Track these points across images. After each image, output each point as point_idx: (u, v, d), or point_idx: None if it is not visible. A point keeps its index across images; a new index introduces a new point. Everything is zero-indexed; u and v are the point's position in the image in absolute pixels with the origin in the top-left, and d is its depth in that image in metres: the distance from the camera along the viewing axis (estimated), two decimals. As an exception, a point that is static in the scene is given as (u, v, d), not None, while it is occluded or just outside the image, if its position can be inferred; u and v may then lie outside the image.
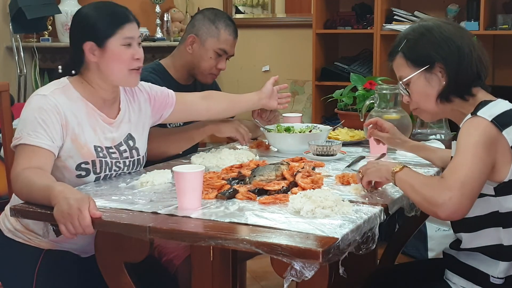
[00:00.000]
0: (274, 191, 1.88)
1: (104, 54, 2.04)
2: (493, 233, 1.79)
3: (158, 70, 2.68)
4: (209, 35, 2.67)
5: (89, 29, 2.04)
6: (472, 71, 1.82)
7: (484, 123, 1.70)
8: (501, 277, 1.80)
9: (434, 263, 2.21)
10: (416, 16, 4.19)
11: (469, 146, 1.67)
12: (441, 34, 1.83)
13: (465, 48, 1.82)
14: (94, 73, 2.08)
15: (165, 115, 2.35)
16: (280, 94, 2.56)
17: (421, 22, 1.93)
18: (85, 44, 2.03)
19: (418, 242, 3.61)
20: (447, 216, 1.63)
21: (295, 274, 1.47)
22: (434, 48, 1.83)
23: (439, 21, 1.89)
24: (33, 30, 4.82)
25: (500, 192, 1.75)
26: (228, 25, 2.70)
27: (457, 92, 1.83)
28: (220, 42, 2.68)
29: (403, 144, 2.28)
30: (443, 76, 1.83)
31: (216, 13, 2.73)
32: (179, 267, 2.25)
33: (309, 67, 4.53)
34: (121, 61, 2.05)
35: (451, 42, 1.82)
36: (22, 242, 2.06)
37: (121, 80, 2.10)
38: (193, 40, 2.68)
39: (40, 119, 1.96)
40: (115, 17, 2.06)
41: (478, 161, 1.65)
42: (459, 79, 1.82)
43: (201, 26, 2.68)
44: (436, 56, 1.82)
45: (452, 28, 1.86)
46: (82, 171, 2.05)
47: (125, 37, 2.05)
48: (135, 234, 1.67)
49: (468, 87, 1.83)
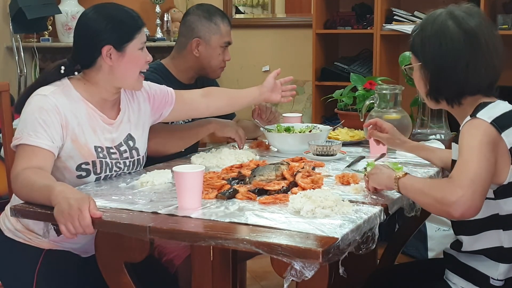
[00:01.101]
0: (274, 191, 1.88)
1: (122, 58, 2.04)
2: (494, 235, 1.78)
3: (160, 69, 2.68)
4: (212, 34, 2.68)
5: (108, 33, 2.02)
6: (457, 82, 1.78)
7: (483, 124, 1.69)
8: (501, 279, 1.79)
9: (434, 263, 2.20)
10: (416, 16, 4.19)
11: (474, 145, 1.66)
12: (441, 39, 1.77)
13: (455, 58, 1.75)
14: (104, 75, 2.06)
15: (165, 113, 2.35)
16: (285, 87, 2.50)
17: (438, 17, 1.81)
18: (104, 47, 2.02)
19: (418, 242, 3.61)
20: (461, 214, 1.60)
21: (295, 274, 1.47)
22: (422, 50, 1.82)
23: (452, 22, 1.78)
24: (33, 30, 4.82)
25: (499, 194, 1.74)
26: (223, 17, 2.73)
27: (443, 97, 1.83)
28: (223, 36, 2.70)
29: (402, 144, 2.28)
30: (428, 79, 1.83)
31: (208, 9, 2.73)
32: (179, 267, 2.25)
33: (309, 67, 4.53)
34: (137, 64, 2.08)
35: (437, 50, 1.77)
36: (22, 242, 2.06)
37: (131, 84, 2.12)
38: (198, 43, 2.68)
39: (40, 119, 1.96)
40: (134, 22, 2.07)
41: (484, 159, 1.64)
42: (440, 87, 1.81)
43: (200, 27, 2.68)
44: (421, 57, 1.83)
45: (455, 34, 1.76)
46: (83, 172, 2.05)
47: (142, 42, 2.08)
48: (135, 234, 1.67)
49: (457, 96, 1.80)
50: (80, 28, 2.08)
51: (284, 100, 2.50)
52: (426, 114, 2.81)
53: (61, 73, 2.09)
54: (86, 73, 2.10)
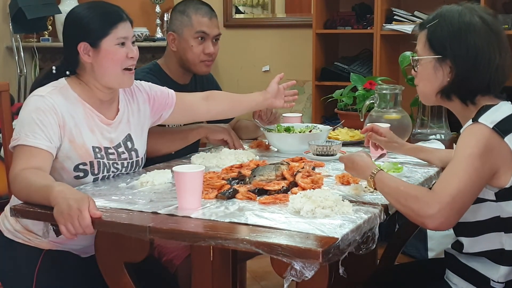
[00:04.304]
0: (274, 191, 1.88)
1: (98, 54, 2.04)
2: (495, 238, 1.78)
3: (155, 70, 2.67)
4: (183, 26, 2.64)
5: (82, 30, 2.04)
6: (484, 81, 1.76)
7: (484, 131, 1.67)
8: (502, 281, 1.79)
9: (434, 263, 2.20)
10: (416, 16, 4.19)
11: (465, 156, 1.65)
12: (468, 34, 1.74)
13: (487, 56, 1.74)
14: (90, 74, 2.08)
15: (165, 115, 2.35)
16: (287, 92, 2.50)
17: (462, 11, 1.78)
18: (79, 45, 2.03)
19: (418, 242, 3.61)
20: (435, 227, 1.63)
21: (295, 274, 1.47)
22: (452, 44, 1.76)
23: (479, 19, 1.75)
24: (33, 30, 4.82)
25: (501, 197, 1.73)
26: (198, 9, 2.66)
27: (459, 95, 1.80)
28: (194, 27, 2.63)
29: (400, 147, 2.28)
30: (450, 74, 1.78)
31: (186, 3, 2.69)
32: (179, 267, 2.25)
33: (309, 67, 4.53)
34: (114, 60, 2.05)
35: (473, 46, 1.73)
36: (21, 243, 2.06)
37: (115, 81, 2.09)
38: (173, 37, 2.66)
39: (37, 120, 1.96)
40: (108, 17, 2.06)
41: (471, 172, 1.63)
42: (466, 85, 1.77)
43: (174, 21, 2.67)
44: (450, 52, 1.76)
45: (484, 32, 1.74)
46: (80, 172, 2.05)
47: (118, 37, 2.05)
48: (135, 234, 1.67)
49: (474, 94, 1.78)
50: (63, 28, 2.12)
51: (287, 105, 2.51)
52: (426, 114, 2.81)
53: (53, 73, 2.10)
54: (79, 73, 2.11)
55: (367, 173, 1.79)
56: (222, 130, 2.51)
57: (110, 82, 2.09)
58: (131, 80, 2.13)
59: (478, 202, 1.72)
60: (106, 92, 2.12)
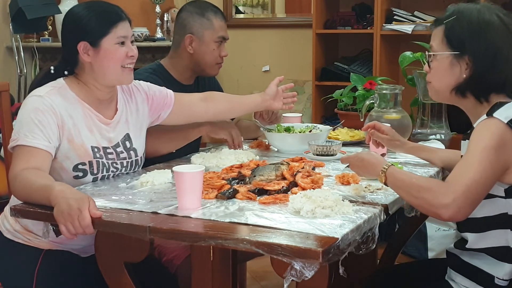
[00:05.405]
0: (274, 191, 1.88)
1: (98, 53, 2.04)
2: (501, 234, 1.77)
3: (159, 70, 2.67)
4: (204, 29, 2.65)
5: (82, 30, 2.04)
6: (500, 79, 1.75)
7: (499, 125, 1.67)
8: (506, 279, 1.78)
9: (435, 263, 2.20)
10: (416, 16, 4.19)
11: (479, 149, 1.65)
12: (487, 32, 1.74)
13: (505, 55, 1.74)
14: (89, 73, 2.08)
15: (163, 115, 2.35)
16: (286, 94, 2.51)
17: (481, 9, 1.78)
18: (79, 44, 2.04)
19: (418, 242, 3.60)
20: (449, 218, 1.62)
21: (295, 274, 1.47)
22: (471, 40, 1.75)
23: (497, 18, 1.76)
24: (33, 30, 4.82)
25: (510, 194, 1.72)
26: (216, 12, 2.69)
27: (474, 92, 1.79)
28: (216, 31, 2.66)
29: (402, 146, 2.28)
30: (467, 70, 1.77)
31: (200, 5, 2.71)
32: (179, 267, 2.25)
33: (309, 67, 4.53)
34: (114, 59, 2.05)
35: (493, 44, 1.74)
36: (21, 243, 2.06)
37: (114, 79, 2.09)
38: (191, 40, 2.66)
39: (36, 120, 1.96)
40: (108, 16, 2.06)
41: (486, 165, 1.63)
42: (482, 82, 1.76)
43: (192, 24, 2.66)
44: (469, 48, 1.76)
45: (502, 31, 1.75)
46: (79, 172, 2.05)
47: (118, 36, 2.05)
48: (135, 234, 1.66)
49: (488, 92, 1.77)
50: (62, 28, 2.12)
51: (285, 107, 2.51)
52: (426, 114, 2.80)
53: (51, 73, 2.10)
54: (77, 73, 2.11)
55: (378, 169, 1.78)
56: (223, 129, 2.50)
57: (109, 80, 2.09)
58: (130, 77, 2.13)
59: (487, 198, 1.71)
60: (105, 91, 2.12)
